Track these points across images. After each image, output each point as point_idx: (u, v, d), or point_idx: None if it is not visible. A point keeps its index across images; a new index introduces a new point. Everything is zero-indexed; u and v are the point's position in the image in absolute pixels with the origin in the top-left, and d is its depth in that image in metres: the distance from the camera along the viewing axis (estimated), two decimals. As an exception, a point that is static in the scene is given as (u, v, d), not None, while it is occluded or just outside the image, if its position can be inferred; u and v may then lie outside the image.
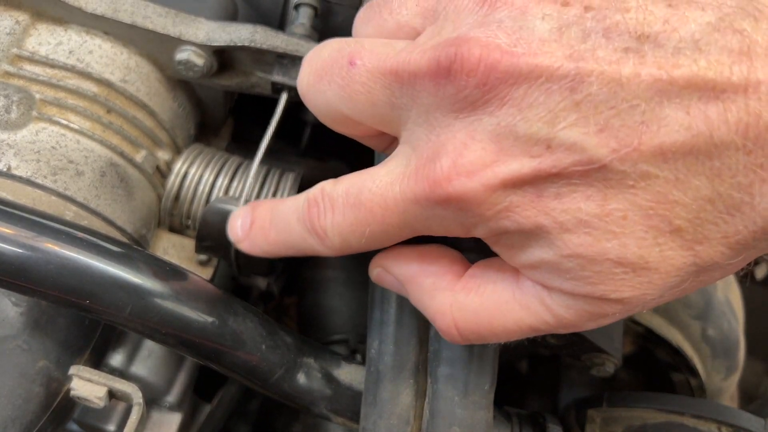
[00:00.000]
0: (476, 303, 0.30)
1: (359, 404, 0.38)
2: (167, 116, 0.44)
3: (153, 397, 0.44)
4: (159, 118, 0.44)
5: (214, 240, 0.41)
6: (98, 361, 0.42)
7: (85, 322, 0.39)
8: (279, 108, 0.43)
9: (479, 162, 0.25)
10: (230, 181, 0.44)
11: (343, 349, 0.54)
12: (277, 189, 0.44)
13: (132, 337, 0.44)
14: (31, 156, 0.38)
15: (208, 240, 0.41)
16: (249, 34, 0.41)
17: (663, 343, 0.53)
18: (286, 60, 0.42)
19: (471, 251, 0.33)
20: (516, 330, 0.29)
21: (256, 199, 0.43)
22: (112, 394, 0.36)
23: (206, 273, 0.45)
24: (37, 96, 0.39)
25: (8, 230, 0.32)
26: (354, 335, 0.55)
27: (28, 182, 0.37)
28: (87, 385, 0.35)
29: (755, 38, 0.22)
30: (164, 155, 0.44)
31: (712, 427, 0.45)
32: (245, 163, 0.46)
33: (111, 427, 0.42)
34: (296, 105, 0.51)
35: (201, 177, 0.45)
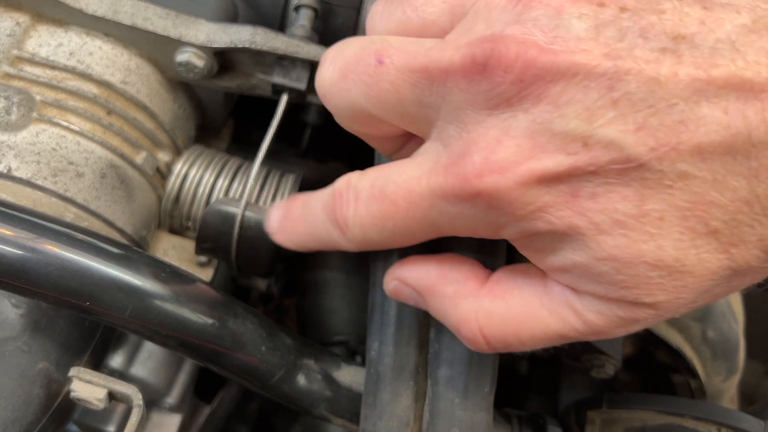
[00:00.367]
0: (503, 309, 0.29)
1: (359, 406, 0.38)
2: (167, 118, 0.44)
3: (153, 399, 0.44)
4: (159, 120, 0.44)
5: (215, 241, 0.41)
6: (98, 363, 0.42)
7: (85, 324, 0.39)
8: (279, 110, 0.43)
9: (513, 158, 0.24)
10: (230, 183, 0.44)
11: (343, 351, 0.54)
12: (277, 190, 0.44)
13: (132, 339, 0.44)
14: (32, 157, 0.38)
15: (209, 241, 0.41)
16: (249, 36, 0.41)
17: (663, 345, 0.53)
18: (287, 62, 0.42)
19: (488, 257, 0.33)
20: (543, 337, 0.28)
21: (256, 201, 0.43)
22: (112, 396, 0.36)
23: (206, 274, 0.45)
24: (38, 97, 0.39)
25: (8, 232, 0.32)
26: (354, 336, 0.55)
27: (29, 184, 0.37)
28: (87, 387, 0.35)
29: None
30: (164, 157, 0.44)
31: (712, 429, 0.45)
32: (245, 165, 0.46)
33: (111, 429, 0.42)
34: (296, 106, 0.51)
35: (201, 178, 0.45)
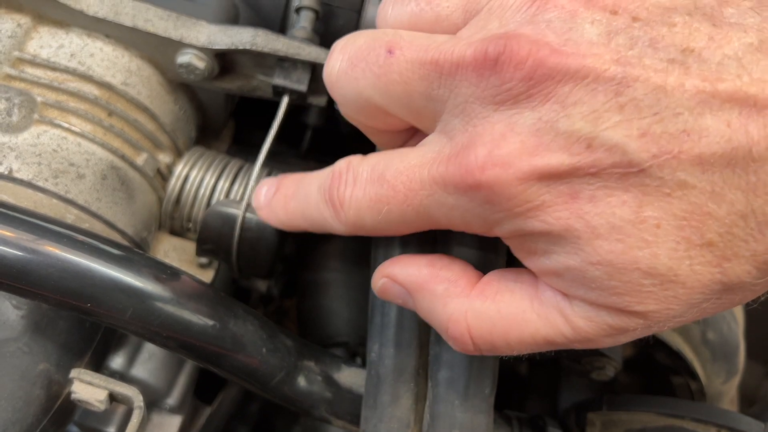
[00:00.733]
0: (492, 310, 0.29)
1: (359, 407, 0.38)
2: (168, 119, 0.44)
3: (153, 400, 0.44)
4: (160, 121, 0.44)
5: (215, 243, 0.41)
6: (99, 364, 0.42)
7: (86, 325, 0.39)
8: (280, 111, 0.43)
9: (516, 154, 0.25)
10: (231, 184, 0.44)
11: (343, 352, 0.54)
12: (278, 192, 0.44)
13: (132, 340, 0.44)
14: (33, 159, 0.38)
15: (209, 243, 0.41)
16: (250, 38, 0.41)
17: (663, 347, 0.53)
18: (287, 63, 0.42)
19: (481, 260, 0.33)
20: (531, 342, 0.28)
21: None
22: (113, 397, 0.36)
23: (207, 276, 0.45)
24: (39, 99, 0.39)
25: (9, 233, 0.32)
26: (354, 338, 0.55)
27: (30, 185, 0.37)
28: (88, 388, 0.35)
29: None
30: (165, 158, 0.44)
31: (712, 431, 0.45)
32: (246, 166, 0.46)
33: (111, 430, 0.42)
34: (297, 108, 0.51)
35: (202, 180, 0.45)
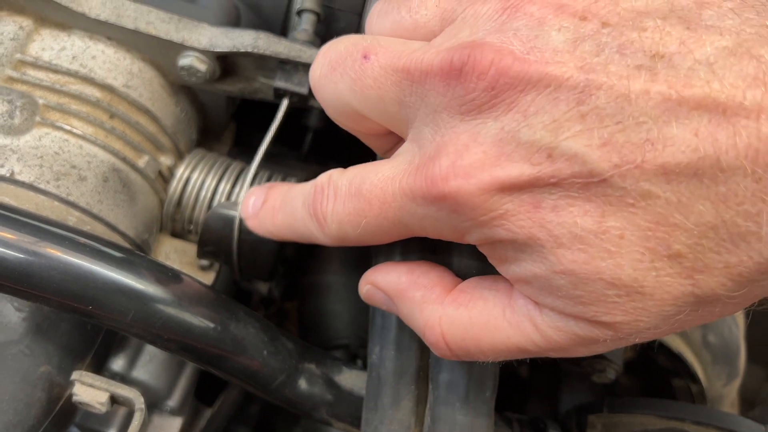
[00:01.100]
0: (465, 317, 0.29)
1: (360, 410, 0.38)
2: (170, 121, 0.45)
3: (154, 402, 0.44)
4: (161, 124, 0.44)
5: (216, 245, 0.41)
6: (100, 366, 0.42)
7: (87, 327, 0.39)
8: (279, 113, 0.43)
9: (478, 164, 0.25)
10: (233, 187, 0.44)
11: (344, 355, 0.54)
12: (279, 194, 0.44)
13: (133, 342, 0.44)
14: (34, 161, 0.38)
15: (210, 245, 0.41)
16: (252, 40, 0.41)
17: (663, 349, 0.53)
18: (289, 66, 0.42)
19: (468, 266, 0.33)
20: (503, 349, 0.28)
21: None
22: (114, 400, 0.36)
23: (208, 278, 0.45)
24: (41, 101, 0.39)
25: (11, 235, 0.33)
26: (355, 340, 0.55)
27: (31, 187, 0.37)
28: (89, 391, 0.35)
29: None
30: (167, 160, 0.44)
31: (713, 434, 0.45)
32: (247, 168, 0.46)
33: (112, 432, 0.42)
34: (298, 110, 0.51)
35: (203, 182, 0.45)
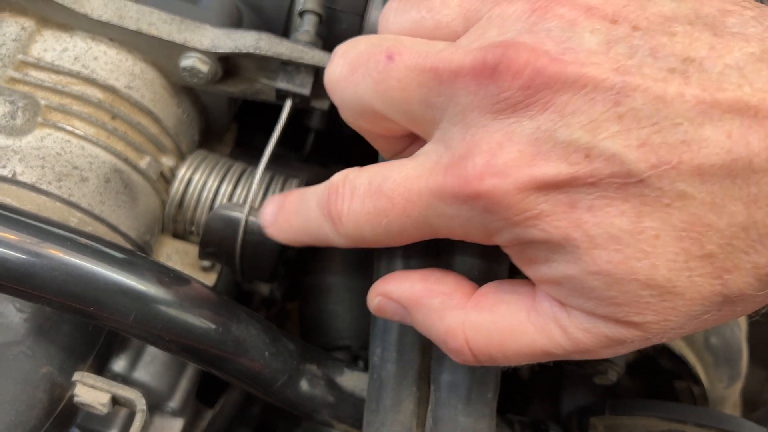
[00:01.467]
0: (489, 322, 0.29)
1: (362, 411, 0.38)
2: (171, 122, 0.45)
3: (155, 403, 0.44)
4: (163, 125, 0.44)
5: (218, 246, 0.41)
6: (101, 367, 0.42)
7: (89, 328, 0.39)
8: (283, 115, 0.43)
9: (514, 163, 0.24)
10: (234, 188, 0.44)
11: (346, 356, 0.54)
12: (281, 195, 0.44)
13: (135, 343, 0.44)
14: (36, 162, 0.38)
15: (212, 246, 0.41)
16: (254, 41, 0.41)
17: (666, 351, 0.53)
18: (291, 67, 0.42)
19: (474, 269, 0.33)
20: (528, 353, 0.28)
21: (260, 206, 0.43)
22: (116, 401, 0.36)
23: (209, 279, 0.45)
24: (42, 102, 0.39)
25: (13, 236, 0.33)
26: (356, 341, 0.54)
27: (33, 188, 0.37)
28: (90, 392, 0.35)
29: None
30: (168, 161, 0.44)
31: (715, 436, 0.45)
32: (249, 170, 0.46)
33: (113, 433, 0.42)
34: (300, 112, 0.51)
35: (205, 183, 0.45)
